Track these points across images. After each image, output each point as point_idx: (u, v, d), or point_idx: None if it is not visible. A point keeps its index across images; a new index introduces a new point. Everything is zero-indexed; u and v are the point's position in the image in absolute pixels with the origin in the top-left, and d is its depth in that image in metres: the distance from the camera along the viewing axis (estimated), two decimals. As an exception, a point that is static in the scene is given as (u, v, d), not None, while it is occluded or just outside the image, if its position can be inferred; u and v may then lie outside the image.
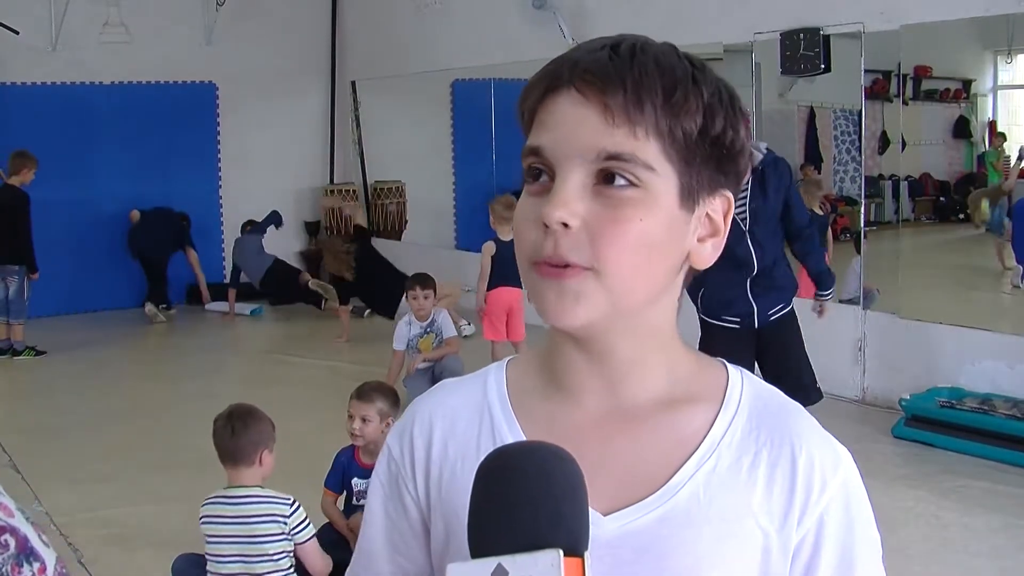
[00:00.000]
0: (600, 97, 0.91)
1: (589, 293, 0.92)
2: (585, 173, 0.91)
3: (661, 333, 1.00)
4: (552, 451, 0.85)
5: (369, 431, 4.15)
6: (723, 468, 0.98)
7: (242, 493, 3.43)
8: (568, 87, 0.93)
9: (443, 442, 1.03)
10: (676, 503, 0.96)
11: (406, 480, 1.04)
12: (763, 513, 0.97)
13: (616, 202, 0.91)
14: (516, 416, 1.02)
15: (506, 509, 0.81)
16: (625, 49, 0.93)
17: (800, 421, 1.02)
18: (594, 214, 0.91)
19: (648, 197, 0.92)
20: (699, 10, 7.66)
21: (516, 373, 1.06)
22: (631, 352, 0.98)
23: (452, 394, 1.07)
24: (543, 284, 0.93)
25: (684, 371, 1.02)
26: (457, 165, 11.78)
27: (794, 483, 0.98)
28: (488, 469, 0.84)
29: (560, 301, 0.92)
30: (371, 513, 1.07)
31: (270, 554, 3.38)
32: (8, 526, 1.09)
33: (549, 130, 0.94)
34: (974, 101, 10.73)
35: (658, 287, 0.96)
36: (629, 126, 0.91)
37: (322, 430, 5.66)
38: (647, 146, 0.91)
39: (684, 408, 1.00)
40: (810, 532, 0.98)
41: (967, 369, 6.00)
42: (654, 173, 0.92)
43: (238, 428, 3.49)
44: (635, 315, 0.96)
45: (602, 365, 0.99)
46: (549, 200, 0.92)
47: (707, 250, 0.98)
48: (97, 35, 10.37)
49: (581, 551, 0.80)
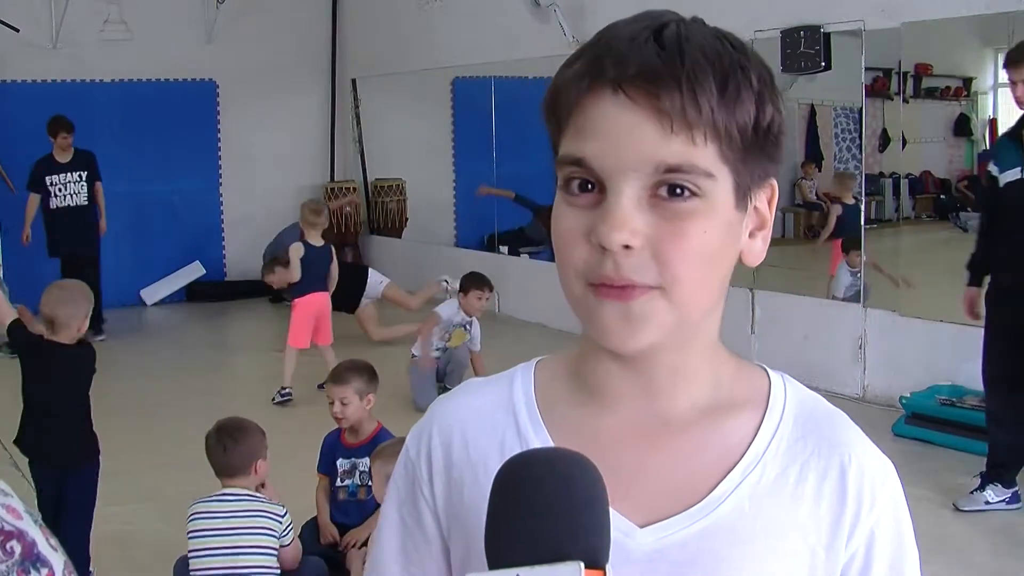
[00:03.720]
0: (653, 102, 0.83)
1: (657, 313, 0.86)
2: (641, 186, 0.84)
3: (708, 339, 0.94)
4: (572, 458, 0.81)
5: (350, 412, 4.19)
6: (769, 480, 0.92)
7: (238, 493, 3.55)
8: (615, 90, 0.84)
9: (464, 445, 0.97)
10: (719, 516, 0.91)
11: (421, 484, 0.98)
12: (811, 528, 0.92)
13: (677, 215, 0.84)
14: (544, 421, 0.97)
15: (524, 518, 0.78)
16: (670, 39, 0.85)
17: (847, 429, 0.97)
18: (654, 228, 0.84)
19: (708, 206, 0.85)
20: (699, 8, 7.49)
21: (545, 376, 1.00)
22: (676, 360, 0.92)
23: (476, 395, 1.01)
24: (605, 308, 0.86)
25: (726, 376, 0.96)
26: (457, 162, 11.78)
27: (844, 496, 0.93)
28: (506, 476, 0.81)
29: (627, 326, 0.86)
30: (386, 518, 1.01)
31: (261, 546, 3.43)
32: (16, 531, 1.08)
33: (594, 138, 0.85)
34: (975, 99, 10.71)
35: (717, 295, 0.91)
36: (687, 132, 0.83)
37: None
38: (706, 152, 0.84)
39: (727, 415, 0.95)
40: (860, 548, 0.94)
41: (968, 367, 5.99)
42: (713, 180, 0.85)
43: (229, 445, 3.58)
44: (690, 326, 0.90)
45: (644, 374, 0.92)
46: (604, 219, 0.84)
47: (757, 245, 0.92)
48: (97, 33, 10.37)
49: (602, 563, 0.77)
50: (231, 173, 11.23)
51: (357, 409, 4.20)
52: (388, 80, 11.29)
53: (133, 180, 10.58)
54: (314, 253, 6.98)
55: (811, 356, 5.06)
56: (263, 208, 10.39)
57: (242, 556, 3.43)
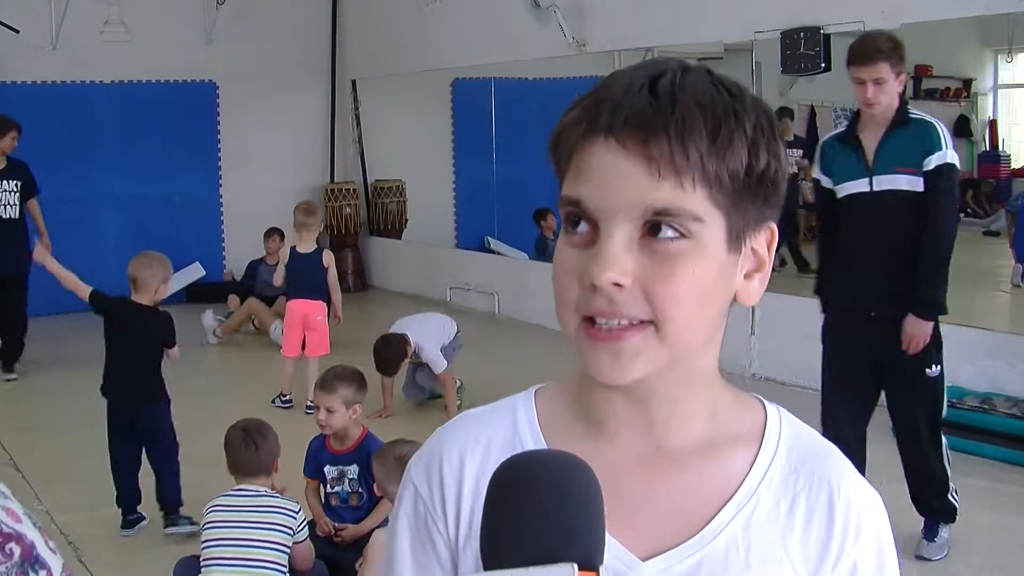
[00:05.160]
0: (643, 148, 0.87)
1: (647, 350, 0.89)
2: (631, 227, 0.88)
3: (705, 374, 0.97)
4: (565, 460, 0.83)
5: (335, 420, 4.15)
6: (762, 512, 0.96)
7: (256, 490, 3.66)
8: (607, 136, 0.89)
9: (475, 479, 0.99)
10: (714, 548, 0.95)
11: (436, 520, 1.00)
12: (799, 558, 0.96)
13: (666, 256, 0.88)
14: None
15: (518, 521, 0.79)
16: (664, 89, 0.88)
17: (838, 463, 1.01)
18: (645, 269, 0.88)
19: (697, 247, 0.88)
20: (699, 9, 7.66)
21: (547, 407, 1.02)
22: (674, 393, 0.96)
23: (481, 426, 1.03)
24: (596, 349, 0.90)
25: (724, 410, 1.00)
26: (457, 163, 11.80)
27: (831, 527, 0.97)
28: (500, 480, 0.83)
29: (616, 362, 0.90)
30: (399, 554, 1.02)
31: (274, 542, 3.47)
32: (15, 533, 1.08)
33: (589, 181, 0.89)
34: (974, 100, 10.74)
35: (711, 333, 0.94)
36: (675, 178, 0.87)
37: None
38: (694, 196, 0.87)
39: (724, 449, 0.98)
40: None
41: (967, 368, 5.99)
42: (702, 223, 0.88)
43: (260, 443, 3.73)
44: (686, 362, 0.94)
45: (643, 406, 0.96)
46: (596, 260, 0.88)
47: (754, 286, 0.96)
48: (97, 34, 10.36)
49: (596, 565, 0.78)
50: (231, 174, 11.23)
51: (342, 418, 4.15)
52: (388, 81, 11.30)
53: (133, 181, 10.59)
54: (298, 260, 6.80)
55: (811, 357, 5.04)
56: (263, 209, 10.38)
57: (253, 548, 3.46)
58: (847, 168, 4.07)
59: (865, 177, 4.01)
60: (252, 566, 3.45)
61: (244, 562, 3.45)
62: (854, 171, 4.04)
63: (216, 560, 3.45)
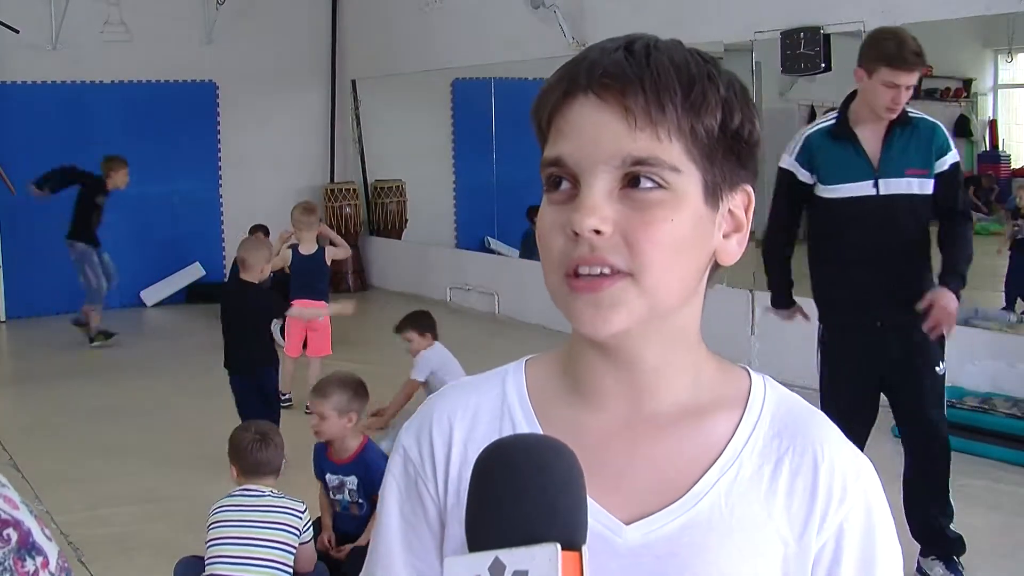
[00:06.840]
0: (620, 100, 0.90)
1: (627, 300, 0.91)
2: (611, 179, 0.91)
3: (687, 337, 0.99)
4: (548, 444, 0.85)
5: (327, 427, 4.03)
6: (745, 476, 0.97)
7: (262, 490, 3.66)
8: (586, 92, 0.92)
9: (463, 443, 1.02)
10: (698, 511, 0.96)
11: (426, 482, 1.03)
12: (783, 522, 0.97)
13: (644, 205, 0.91)
14: (538, 420, 1.01)
15: (502, 502, 0.81)
16: (639, 48, 0.92)
17: (822, 428, 1.01)
18: (624, 217, 0.90)
19: (675, 197, 0.91)
20: (699, 9, 7.66)
21: (536, 375, 1.05)
22: (658, 358, 0.97)
23: (470, 393, 1.06)
24: (578, 299, 0.92)
25: (708, 376, 1.01)
26: (457, 164, 11.80)
27: (815, 490, 0.97)
28: (484, 462, 0.84)
29: (597, 312, 0.92)
30: (386, 515, 1.05)
31: (279, 541, 3.47)
32: (12, 519, 1.09)
33: (569, 138, 0.92)
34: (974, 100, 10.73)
35: (690, 288, 0.96)
36: (652, 128, 0.90)
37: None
38: (671, 147, 0.91)
39: (708, 415, 1.00)
40: (830, 541, 0.98)
41: (967, 368, 6.00)
42: (679, 174, 0.91)
43: (271, 444, 3.75)
44: (666, 318, 0.95)
45: (628, 371, 0.98)
46: (577, 208, 0.91)
47: (732, 246, 0.98)
48: (97, 34, 10.37)
49: (579, 544, 0.80)
50: (231, 174, 11.23)
51: (335, 425, 4.02)
52: (388, 81, 11.30)
53: (133, 181, 10.51)
54: (301, 261, 6.78)
55: (811, 357, 5.04)
56: (263, 209, 10.37)
57: (258, 547, 3.46)
58: (845, 168, 3.77)
59: (870, 179, 3.74)
60: (257, 565, 3.45)
61: (249, 561, 3.44)
62: (855, 172, 3.76)
63: (221, 559, 3.45)
